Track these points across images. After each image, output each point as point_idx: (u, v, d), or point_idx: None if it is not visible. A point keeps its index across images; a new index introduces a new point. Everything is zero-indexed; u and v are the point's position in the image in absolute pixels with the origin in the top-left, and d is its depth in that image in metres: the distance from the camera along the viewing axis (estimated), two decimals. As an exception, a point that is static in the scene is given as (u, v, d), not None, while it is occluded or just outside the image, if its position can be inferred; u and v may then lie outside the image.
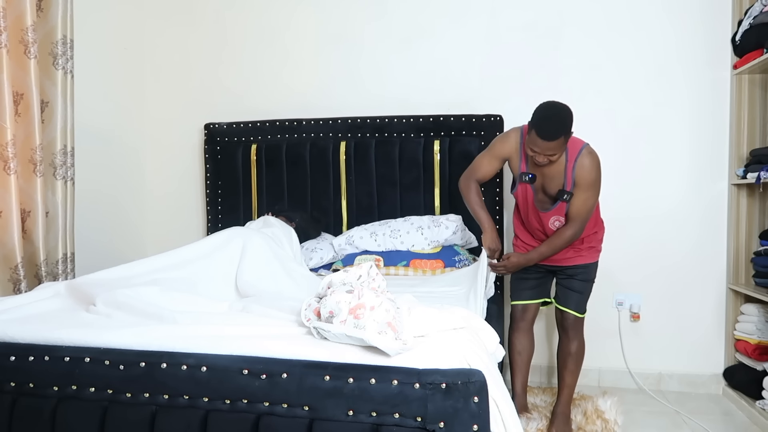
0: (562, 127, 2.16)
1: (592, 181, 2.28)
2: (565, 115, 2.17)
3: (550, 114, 2.17)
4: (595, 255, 2.52)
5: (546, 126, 2.15)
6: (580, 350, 2.56)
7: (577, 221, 2.33)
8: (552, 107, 2.19)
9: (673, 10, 3.04)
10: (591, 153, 2.29)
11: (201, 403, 1.30)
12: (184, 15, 3.48)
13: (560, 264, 2.49)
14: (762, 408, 2.63)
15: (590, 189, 2.29)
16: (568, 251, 2.46)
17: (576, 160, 2.27)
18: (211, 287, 2.01)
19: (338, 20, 3.33)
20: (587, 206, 2.31)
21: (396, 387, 1.21)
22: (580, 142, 2.31)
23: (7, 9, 2.29)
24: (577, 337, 2.55)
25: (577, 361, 2.56)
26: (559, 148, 2.17)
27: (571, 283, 2.51)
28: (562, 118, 2.17)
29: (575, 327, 2.53)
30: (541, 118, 2.16)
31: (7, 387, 1.39)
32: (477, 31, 3.21)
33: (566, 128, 2.17)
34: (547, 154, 2.18)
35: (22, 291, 2.33)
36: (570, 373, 2.56)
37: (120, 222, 3.33)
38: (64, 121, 2.57)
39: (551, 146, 2.16)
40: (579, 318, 2.53)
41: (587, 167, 2.26)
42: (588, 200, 2.30)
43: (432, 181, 3.09)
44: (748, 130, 2.93)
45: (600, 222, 2.55)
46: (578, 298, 2.52)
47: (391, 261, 2.80)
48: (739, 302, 2.98)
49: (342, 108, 3.26)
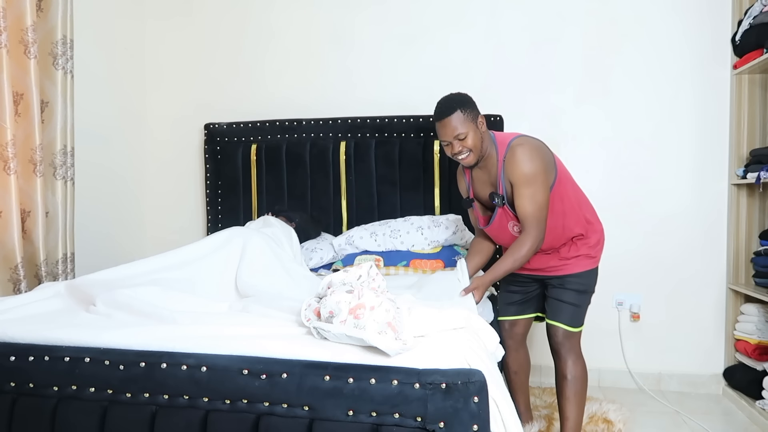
0: (454, 102, 2.07)
1: (527, 173, 2.02)
2: (457, 95, 2.11)
3: (440, 101, 2.12)
4: (589, 263, 2.21)
5: (438, 108, 2.09)
6: (578, 374, 2.19)
7: (531, 222, 2.04)
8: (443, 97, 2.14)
9: (673, 10, 3.04)
10: (522, 144, 2.06)
11: (201, 403, 1.30)
12: (184, 15, 3.48)
13: (546, 274, 2.25)
14: (762, 408, 2.63)
15: (530, 183, 2.02)
16: (550, 260, 2.20)
17: (504, 157, 2.07)
18: (211, 287, 2.01)
19: (338, 20, 3.33)
20: (536, 203, 2.03)
21: (396, 387, 1.21)
22: (510, 135, 2.13)
23: (7, 9, 2.29)
24: (571, 357, 2.19)
25: (575, 387, 2.18)
26: (461, 124, 2.04)
27: (563, 294, 2.21)
28: (453, 96, 2.11)
29: (567, 344, 2.19)
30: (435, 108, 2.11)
31: (7, 387, 1.39)
32: (477, 31, 3.21)
33: (460, 102, 2.07)
34: (454, 136, 2.05)
35: (22, 291, 2.33)
36: (569, 404, 2.19)
37: (120, 222, 3.33)
38: (64, 121, 2.57)
39: (450, 125, 2.04)
40: (571, 333, 2.19)
41: (518, 160, 2.03)
42: (534, 196, 2.03)
43: (432, 181, 3.09)
44: (748, 130, 2.93)
45: (592, 224, 2.24)
46: (571, 312, 2.20)
47: (391, 261, 2.80)
48: (739, 302, 2.98)
49: (342, 108, 3.26)
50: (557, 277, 2.23)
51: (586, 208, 2.26)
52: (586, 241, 2.23)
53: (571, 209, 2.18)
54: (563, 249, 2.20)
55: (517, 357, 2.43)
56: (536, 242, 2.07)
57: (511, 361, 2.43)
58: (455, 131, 2.05)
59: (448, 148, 2.12)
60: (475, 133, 2.08)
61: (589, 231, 2.23)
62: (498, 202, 2.11)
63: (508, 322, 2.40)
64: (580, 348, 2.25)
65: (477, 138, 2.08)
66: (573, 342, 2.21)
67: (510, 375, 2.46)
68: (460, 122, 2.05)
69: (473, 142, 2.07)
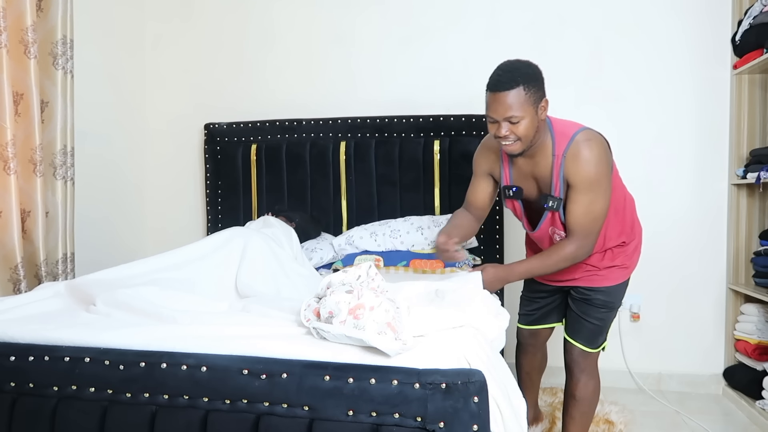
0: (519, 74, 1.68)
1: (591, 178, 1.70)
2: (522, 64, 1.72)
3: (503, 65, 1.74)
4: (622, 275, 1.94)
5: (496, 75, 1.70)
6: (587, 395, 1.98)
7: (579, 234, 1.76)
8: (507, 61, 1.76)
9: (672, 10, 3.04)
10: (589, 140, 1.75)
11: (201, 403, 1.30)
12: (184, 15, 3.48)
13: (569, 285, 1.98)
14: (762, 408, 2.63)
15: (591, 189, 1.71)
16: (575, 271, 1.91)
17: (565, 153, 1.73)
18: (211, 287, 2.01)
19: (338, 20, 3.33)
20: (592, 214, 1.73)
21: (396, 387, 1.21)
22: (574, 127, 1.79)
23: (7, 9, 2.29)
24: (583, 377, 1.96)
25: (581, 408, 1.99)
26: (519, 105, 1.67)
27: (586, 310, 1.95)
28: (520, 65, 1.71)
29: (582, 364, 1.97)
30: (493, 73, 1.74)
31: (7, 387, 1.39)
32: (477, 31, 3.21)
33: (526, 77, 1.68)
34: (505, 117, 1.68)
35: (22, 291, 2.33)
36: (573, 424, 2.02)
37: (120, 222, 3.33)
38: (64, 121, 2.57)
39: (505, 102, 1.66)
40: (588, 353, 1.97)
41: (583, 159, 1.71)
42: (592, 204, 1.72)
43: (432, 181, 3.09)
44: (748, 130, 2.93)
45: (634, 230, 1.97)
46: (592, 330, 1.95)
47: (391, 261, 2.80)
48: (739, 302, 2.98)
49: (342, 108, 3.26)
50: (583, 288, 1.97)
51: (630, 209, 1.98)
52: (624, 249, 1.96)
53: (615, 216, 1.89)
54: (595, 257, 1.91)
55: (533, 360, 2.32)
56: (578, 255, 1.79)
57: (525, 362, 2.33)
58: (509, 111, 1.68)
59: (493, 126, 1.75)
60: (532, 120, 1.70)
61: (629, 236, 1.96)
62: (552, 205, 1.78)
63: (527, 330, 2.25)
64: (596, 367, 2.02)
65: (532, 126, 1.72)
66: (589, 362, 1.99)
67: (521, 374, 2.37)
68: (518, 102, 1.67)
69: (526, 130, 1.71)
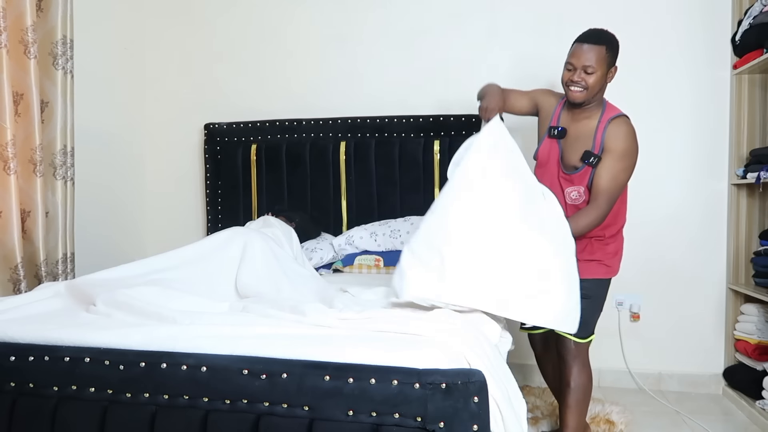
0: (605, 38, 2.02)
1: (624, 149, 2.02)
2: (611, 34, 2.06)
3: (595, 28, 2.08)
4: (601, 271, 2.13)
5: (588, 31, 2.05)
6: (582, 383, 2.15)
7: (603, 198, 2.02)
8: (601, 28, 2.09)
9: (673, 10, 3.04)
10: (627, 123, 2.08)
11: (201, 403, 1.30)
12: (184, 15, 3.48)
13: None
14: (762, 408, 2.63)
15: (622, 159, 2.02)
16: None
17: (609, 123, 2.06)
18: (211, 287, 2.01)
19: (338, 20, 3.33)
20: (617, 181, 2.03)
21: (396, 387, 1.21)
22: (619, 110, 2.11)
23: (7, 9, 2.29)
24: (576, 365, 2.13)
25: (576, 396, 2.14)
26: (598, 60, 2.00)
27: None
28: (607, 32, 2.06)
29: (575, 351, 2.13)
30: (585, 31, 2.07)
31: (7, 387, 1.39)
32: (477, 31, 3.20)
33: (610, 42, 2.03)
34: (583, 66, 2.00)
35: (22, 291, 2.32)
36: (570, 412, 2.15)
37: (120, 222, 3.33)
38: (64, 121, 2.57)
39: (588, 53, 2.00)
40: (579, 344, 2.13)
41: (623, 131, 2.04)
42: (618, 174, 2.02)
43: (432, 181, 3.09)
44: (748, 130, 2.93)
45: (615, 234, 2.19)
46: None
47: (391, 261, 2.80)
48: (739, 302, 2.98)
49: (342, 108, 3.26)
50: None
51: (622, 217, 2.23)
52: (604, 246, 2.17)
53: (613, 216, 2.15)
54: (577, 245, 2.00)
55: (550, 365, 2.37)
56: (598, 220, 2.04)
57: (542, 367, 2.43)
58: (588, 61, 2.00)
59: (568, 73, 2.06)
60: (601, 76, 2.03)
61: (610, 236, 2.18)
62: (592, 160, 2.04)
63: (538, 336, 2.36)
64: (587, 356, 2.18)
65: (599, 82, 2.04)
66: (580, 350, 2.15)
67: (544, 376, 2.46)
68: (598, 58, 2.01)
69: (594, 83, 2.02)
